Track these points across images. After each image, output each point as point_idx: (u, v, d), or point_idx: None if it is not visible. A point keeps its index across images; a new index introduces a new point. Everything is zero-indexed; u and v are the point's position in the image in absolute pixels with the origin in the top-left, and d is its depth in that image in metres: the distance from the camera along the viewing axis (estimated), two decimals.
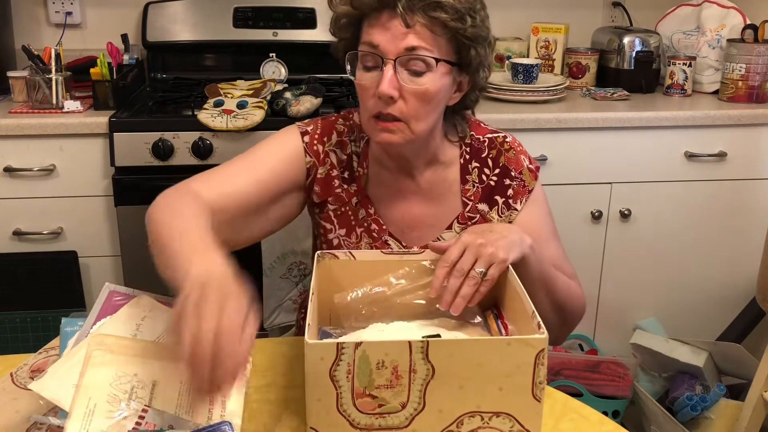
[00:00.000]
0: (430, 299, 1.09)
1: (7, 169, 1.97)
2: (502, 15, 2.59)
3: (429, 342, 0.84)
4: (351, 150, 1.30)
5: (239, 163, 1.26)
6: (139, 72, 2.36)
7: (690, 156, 2.21)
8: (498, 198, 1.29)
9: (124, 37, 2.35)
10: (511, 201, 1.29)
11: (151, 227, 1.06)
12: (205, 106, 1.99)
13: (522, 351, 0.85)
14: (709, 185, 2.25)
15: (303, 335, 1.46)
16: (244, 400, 0.94)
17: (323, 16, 2.41)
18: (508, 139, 1.32)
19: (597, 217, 2.22)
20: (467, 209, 1.29)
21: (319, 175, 1.29)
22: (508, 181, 1.29)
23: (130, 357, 0.92)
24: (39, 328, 2.02)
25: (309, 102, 1.96)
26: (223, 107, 1.97)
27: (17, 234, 2.02)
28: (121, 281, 2.05)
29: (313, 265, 1.08)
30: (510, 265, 1.06)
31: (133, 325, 0.98)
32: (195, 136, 1.94)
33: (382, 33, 1.13)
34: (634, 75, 2.45)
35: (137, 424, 0.86)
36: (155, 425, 0.86)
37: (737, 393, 2.14)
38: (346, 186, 1.30)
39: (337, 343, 0.83)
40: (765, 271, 1.78)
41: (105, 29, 2.44)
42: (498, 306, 1.09)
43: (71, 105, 2.03)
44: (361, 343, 0.83)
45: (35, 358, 1.09)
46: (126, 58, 2.31)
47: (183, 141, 1.94)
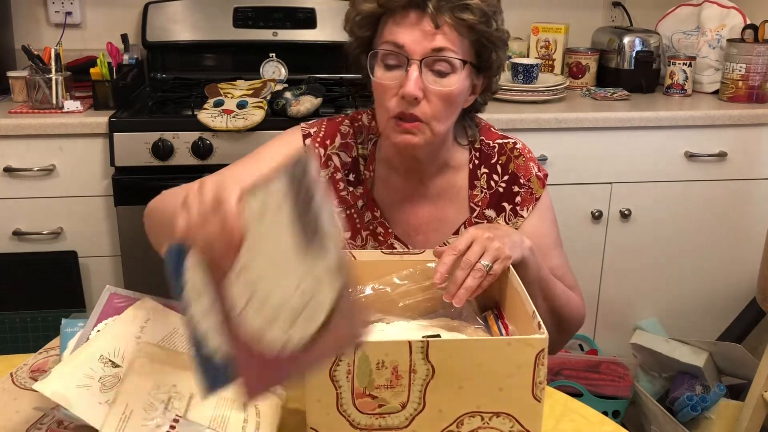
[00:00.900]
0: (431, 299, 1.09)
1: (7, 169, 1.97)
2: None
3: (429, 342, 0.84)
4: (357, 153, 1.29)
5: (239, 167, 1.26)
6: (139, 72, 2.36)
7: (690, 156, 2.21)
8: (506, 205, 1.29)
9: (124, 37, 2.35)
10: (518, 208, 1.29)
11: (150, 213, 1.09)
12: (205, 106, 1.99)
13: (522, 351, 0.85)
14: (709, 185, 2.25)
15: None
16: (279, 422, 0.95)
17: (323, 16, 2.41)
18: (518, 145, 1.31)
19: (597, 217, 2.22)
20: (474, 215, 1.28)
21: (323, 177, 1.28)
22: (516, 188, 1.29)
23: (171, 368, 0.92)
24: (39, 328, 2.02)
25: (309, 102, 1.96)
26: (223, 107, 1.97)
27: (17, 234, 2.02)
28: (121, 281, 2.05)
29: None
30: (511, 266, 1.06)
31: (137, 328, 0.98)
32: (195, 136, 1.94)
33: (409, 33, 1.12)
34: (634, 75, 2.45)
35: None
36: None
37: (737, 393, 2.14)
38: (351, 189, 1.29)
39: None
40: (765, 271, 1.78)
41: (105, 29, 2.44)
42: (498, 306, 1.10)
43: (71, 105, 2.03)
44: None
45: (35, 358, 1.09)
46: (126, 58, 2.31)
47: (183, 141, 1.94)
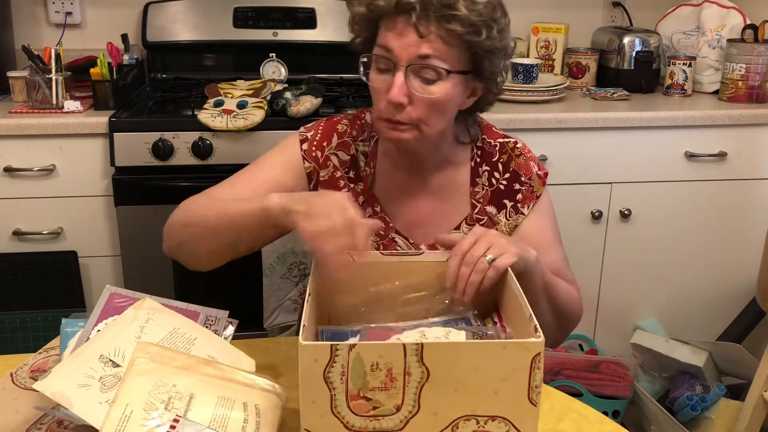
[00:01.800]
0: (431, 299, 1.09)
1: (7, 169, 1.97)
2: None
3: (424, 345, 0.84)
4: (356, 150, 1.30)
5: (244, 176, 1.28)
6: (139, 72, 2.36)
7: (690, 156, 2.21)
8: (507, 202, 1.30)
9: (124, 37, 2.35)
10: (519, 205, 1.30)
11: (184, 222, 1.20)
12: (205, 106, 1.99)
13: (518, 354, 0.85)
14: (709, 185, 2.25)
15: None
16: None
17: (323, 16, 2.41)
18: (519, 144, 1.33)
19: (597, 217, 2.22)
20: (476, 211, 1.29)
21: (322, 178, 1.29)
22: (517, 186, 1.30)
23: (172, 368, 0.92)
24: (39, 328, 2.02)
25: (309, 102, 1.96)
26: (223, 107, 1.97)
27: (17, 234, 2.02)
28: (121, 281, 2.05)
29: (312, 266, 1.08)
30: (510, 270, 1.06)
31: (137, 328, 0.98)
32: (195, 136, 1.94)
33: (397, 38, 1.13)
34: (634, 75, 2.45)
35: None
36: None
37: (737, 393, 2.14)
38: (352, 185, 1.30)
39: (331, 345, 0.83)
40: (765, 271, 1.78)
41: (105, 29, 2.44)
42: (498, 310, 1.09)
43: (71, 105, 2.03)
44: (355, 345, 0.83)
45: (35, 358, 1.09)
46: (126, 58, 2.31)
47: (183, 141, 1.94)
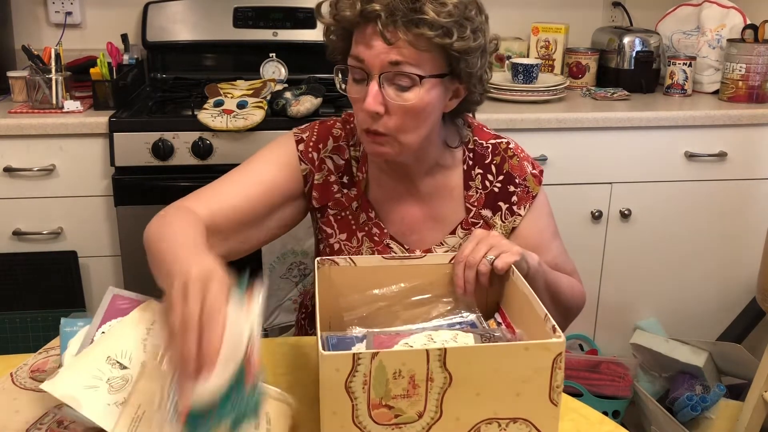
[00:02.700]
0: (434, 302, 1.09)
1: (7, 169, 1.97)
2: (502, 15, 2.59)
3: (447, 350, 0.83)
4: (349, 155, 1.29)
5: (233, 177, 1.26)
6: (139, 72, 2.36)
7: (690, 156, 2.21)
8: (501, 204, 1.29)
9: (124, 37, 2.35)
10: (514, 207, 1.29)
11: (147, 244, 1.07)
12: (205, 106, 1.99)
13: (540, 355, 0.85)
14: (709, 185, 2.25)
15: (303, 335, 1.47)
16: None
17: None
18: (511, 145, 1.31)
19: (597, 217, 2.22)
20: (471, 215, 1.29)
21: (316, 181, 1.28)
22: (512, 188, 1.29)
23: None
24: (39, 328, 2.02)
25: (309, 102, 1.96)
26: (223, 107, 1.97)
27: (17, 234, 2.02)
28: (121, 281, 2.05)
29: (315, 273, 1.07)
30: (515, 269, 1.06)
31: (143, 330, 0.97)
32: (195, 136, 1.94)
33: (367, 48, 1.10)
34: (634, 75, 2.45)
35: None
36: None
37: (737, 393, 2.14)
38: (345, 191, 1.29)
39: (353, 354, 0.82)
40: (765, 271, 1.78)
41: (105, 29, 2.44)
42: (501, 311, 1.09)
43: (71, 105, 2.03)
44: (378, 353, 0.83)
45: (35, 358, 1.09)
46: (126, 58, 2.31)
47: (183, 141, 1.94)
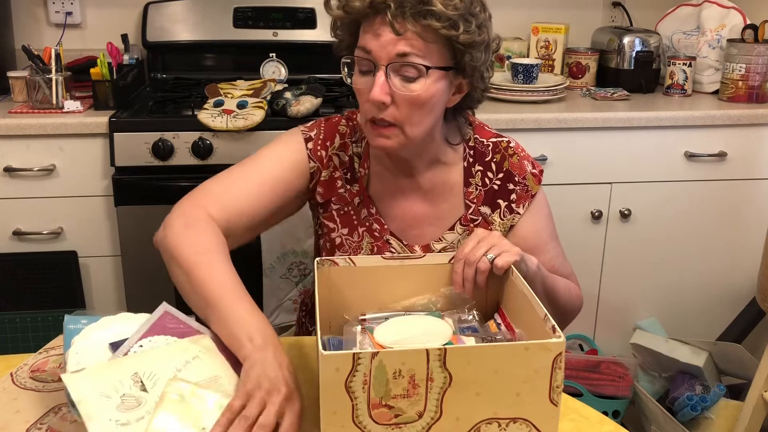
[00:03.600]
0: (433, 302, 1.09)
1: (7, 169, 1.97)
2: (502, 15, 2.58)
3: (447, 349, 0.83)
4: (352, 151, 1.30)
5: (245, 176, 1.25)
6: (139, 72, 2.36)
7: (690, 156, 2.21)
8: (501, 201, 1.30)
9: (124, 37, 2.35)
10: (513, 205, 1.29)
11: (174, 256, 1.12)
12: (205, 106, 1.99)
13: (540, 355, 0.85)
14: (709, 185, 2.25)
15: (303, 335, 1.47)
16: None
17: (323, 16, 2.40)
18: (512, 144, 1.32)
19: (597, 217, 2.22)
20: (470, 212, 1.29)
21: (322, 178, 1.29)
22: (511, 186, 1.30)
23: (203, 409, 0.91)
24: (39, 328, 2.02)
25: (309, 102, 1.96)
26: (223, 107, 1.97)
27: (17, 234, 2.02)
28: (121, 281, 2.05)
29: (315, 273, 1.07)
30: (515, 269, 1.06)
31: (182, 361, 0.96)
32: (195, 136, 1.94)
33: (375, 39, 1.13)
34: (634, 75, 2.45)
35: None
36: None
37: (737, 393, 2.13)
38: (348, 186, 1.30)
39: (353, 354, 0.82)
40: (765, 271, 1.78)
41: (105, 29, 2.44)
42: (501, 312, 1.09)
43: (71, 105, 2.03)
44: (378, 352, 0.83)
45: (35, 358, 1.09)
46: (126, 58, 2.31)
47: (183, 141, 1.94)
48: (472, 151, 1.30)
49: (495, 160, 1.30)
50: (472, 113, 1.35)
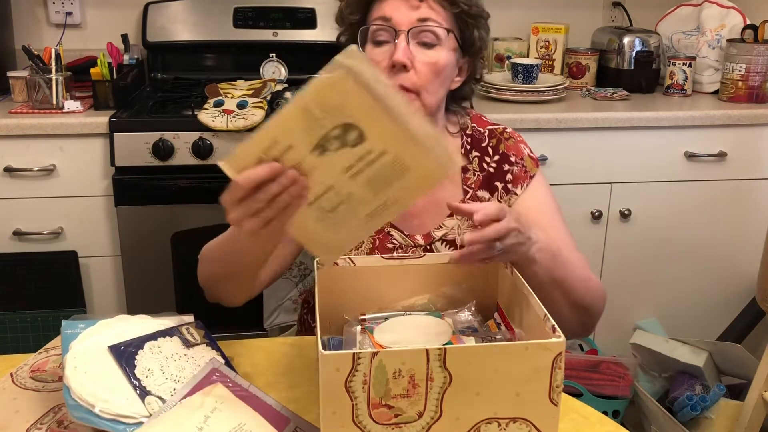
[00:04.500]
0: (433, 301, 1.09)
1: (7, 169, 1.97)
2: (502, 15, 2.59)
3: (446, 349, 0.83)
4: None
5: None
6: (139, 72, 2.36)
7: (690, 156, 2.21)
8: (498, 184, 1.31)
9: (124, 37, 2.35)
10: (510, 185, 1.31)
11: (210, 260, 1.21)
12: (206, 106, 1.99)
13: (540, 355, 0.85)
14: (709, 185, 2.25)
15: (306, 333, 1.47)
16: None
17: (323, 16, 2.41)
18: (508, 130, 1.36)
19: (597, 217, 2.22)
20: (468, 196, 1.31)
21: None
22: (507, 167, 1.31)
23: None
24: (39, 328, 2.02)
25: None
26: (223, 107, 1.97)
27: (17, 234, 2.02)
28: (121, 281, 2.05)
29: (315, 273, 1.07)
30: (516, 270, 1.05)
31: (201, 417, 0.93)
32: (195, 136, 1.94)
33: (396, 7, 1.20)
34: (634, 75, 2.45)
35: None
36: None
37: (737, 393, 2.13)
38: None
39: (353, 353, 0.82)
40: (765, 271, 1.78)
41: (105, 29, 2.45)
42: (501, 312, 1.09)
43: (71, 105, 2.03)
44: (377, 352, 0.83)
45: (35, 358, 1.09)
46: (126, 58, 2.31)
47: (183, 141, 1.94)
48: (469, 139, 1.33)
49: (491, 144, 1.33)
50: (470, 105, 1.38)
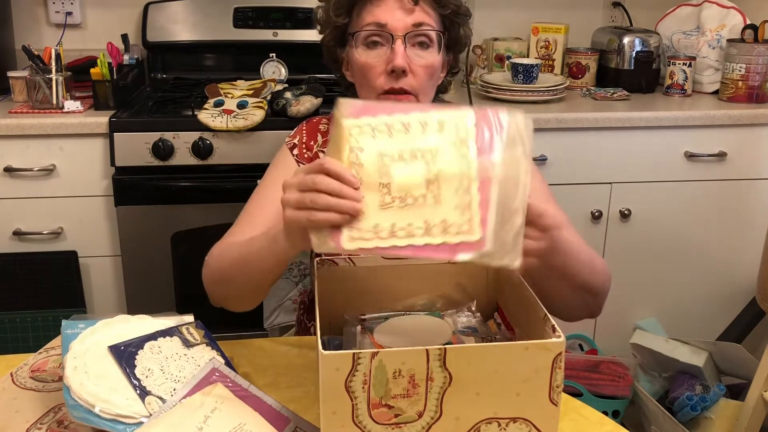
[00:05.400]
0: (433, 302, 1.09)
1: (7, 169, 1.97)
2: (502, 15, 2.60)
3: (447, 349, 0.83)
4: None
5: (251, 210, 1.28)
6: (139, 72, 2.36)
7: (690, 156, 2.21)
8: None
9: (124, 37, 2.35)
10: None
11: (218, 270, 1.20)
12: (206, 106, 1.99)
13: (540, 355, 0.85)
14: (709, 185, 2.25)
15: (303, 334, 1.47)
16: None
17: None
18: None
19: (597, 217, 2.22)
20: None
21: None
22: None
23: None
24: (39, 328, 2.02)
25: (309, 102, 1.96)
26: (223, 107, 1.97)
27: (17, 234, 2.02)
28: (121, 281, 2.05)
29: (314, 273, 1.07)
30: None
31: (201, 417, 0.93)
32: (195, 136, 1.94)
33: (389, 12, 1.21)
34: (634, 75, 2.45)
35: None
36: None
37: (737, 393, 2.13)
38: None
39: (353, 353, 0.82)
40: (765, 271, 1.78)
41: (105, 29, 2.45)
42: (501, 312, 1.09)
43: (71, 105, 2.03)
44: (377, 352, 0.83)
45: (35, 358, 1.09)
46: (126, 58, 2.31)
47: (183, 141, 1.94)
48: None
49: None
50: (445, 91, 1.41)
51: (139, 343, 1.01)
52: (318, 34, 1.37)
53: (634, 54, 2.44)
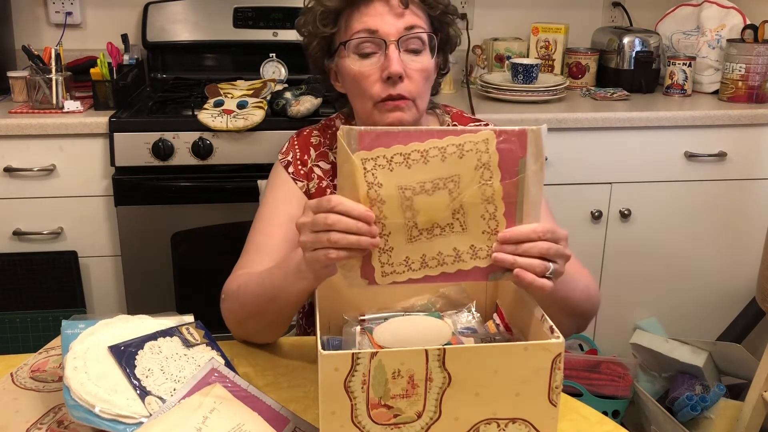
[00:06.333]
0: (431, 302, 1.09)
1: (7, 169, 1.97)
2: (502, 15, 2.60)
3: (446, 349, 0.83)
4: (332, 158, 1.33)
5: (256, 237, 1.26)
6: (139, 72, 2.36)
7: (690, 156, 2.21)
8: None
9: (124, 37, 2.35)
10: None
11: (239, 301, 1.15)
12: (205, 106, 1.99)
13: (539, 356, 0.85)
14: (709, 185, 2.25)
15: (303, 335, 1.47)
16: None
17: None
18: (490, 126, 1.33)
19: (597, 217, 2.22)
20: None
21: (312, 190, 1.32)
22: None
23: None
24: (39, 328, 2.02)
25: (309, 102, 1.96)
26: (223, 107, 1.97)
27: (17, 234, 2.02)
28: (121, 281, 2.05)
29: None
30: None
31: (200, 418, 0.92)
32: (195, 136, 1.94)
33: (379, 18, 1.18)
34: (634, 75, 2.45)
35: None
36: None
37: (737, 393, 2.14)
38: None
39: (353, 353, 0.82)
40: (765, 271, 1.78)
41: (105, 29, 2.45)
42: (499, 312, 1.09)
43: (71, 105, 2.03)
44: (377, 352, 0.82)
45: (35, 358, 1.09)
46: (126, 58, 2.31)
47: (183, 141, 1.94)
48: None
49: None
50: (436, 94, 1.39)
51: (139, 343, 1.01)
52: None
53: (634, 54, 2.44)
